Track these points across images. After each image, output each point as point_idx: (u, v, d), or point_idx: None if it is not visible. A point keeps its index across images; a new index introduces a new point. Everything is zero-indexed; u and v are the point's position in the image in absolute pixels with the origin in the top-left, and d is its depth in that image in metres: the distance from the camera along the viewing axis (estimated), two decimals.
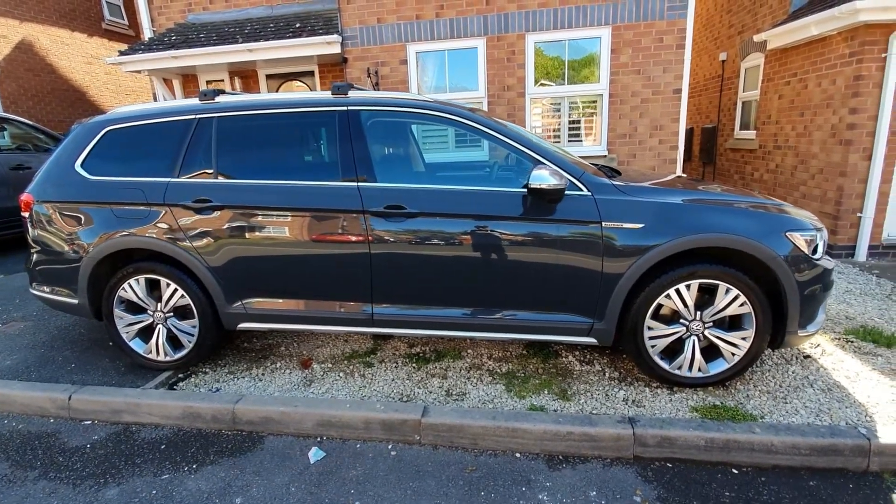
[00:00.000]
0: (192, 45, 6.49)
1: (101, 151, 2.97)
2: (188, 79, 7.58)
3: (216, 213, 2.76)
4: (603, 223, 2.50)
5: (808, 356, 3.03)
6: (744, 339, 2.56)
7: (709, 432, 2.29)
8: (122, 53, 6.58)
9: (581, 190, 2.56)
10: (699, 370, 2.63)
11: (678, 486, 2.15)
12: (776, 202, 2.72)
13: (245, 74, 7.45)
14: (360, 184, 2.67)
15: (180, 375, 3.03)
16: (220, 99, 2.97)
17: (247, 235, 2.76)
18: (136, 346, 3.04)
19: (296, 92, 7.21)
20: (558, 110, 6.24)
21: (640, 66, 5.82)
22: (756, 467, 2.25)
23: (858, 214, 5.23)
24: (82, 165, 2.96)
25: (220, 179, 2.80)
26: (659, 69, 5.80)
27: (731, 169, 8.03)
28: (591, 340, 2.68)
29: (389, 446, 2.46)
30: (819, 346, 3.15)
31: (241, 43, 6.30)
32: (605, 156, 6.10)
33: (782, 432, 2.28)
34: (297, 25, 6.53)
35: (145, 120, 2.96)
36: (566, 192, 2.53)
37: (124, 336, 3.02)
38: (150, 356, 3.03)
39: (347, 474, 2.27)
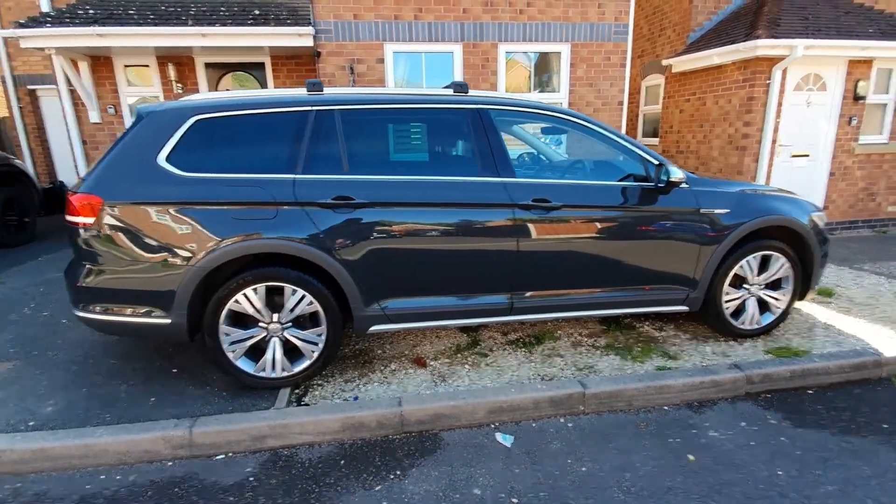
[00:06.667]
0: (124, 23, 5.50)
1: (191, 144, 2.56)
2: (99, 61, 6.35)
3: (360, 211, 2.61)
4: (701, 210, 3.06)
5: (795, 308, 4.03)
6: (784, 295, 3.36)
7: (790, 366, 3.00)
8: (21, 25, 5.26)
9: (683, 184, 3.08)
10: (756, 323, 3.36)
11: (787, 408, 2.79)
12: (787, 191, 3.59)
13: (178, 61, 6.51)
14: (504, 179, 2.80)
15: (297, 392, 2.77)
16: (327, 91, 2.80)
17: (393, 233, 2.67)
18: (244, 364, 2.68)
19: (414, 89, 6.39)
20: None
21: (592, 79, 6.70)
22: (819, 387, 3.02)
23: None
24: (168, 160, 2.52)
25: (355, 176, 2.66)
26: (607, 83, 6.74)
27: None
28: (684, 308, 3.23)
29: (561, 420, 2.67)
30: None
31: (192, 26, 5.56)
32: None
33: (831, 359, 3.09)
34: (257, 13, 5.99)
35: (244, 110, 2.64)
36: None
37: (230, 355, 2.64)
38: (262, 374, 2.70)
39: (550, 448, 2.43)
